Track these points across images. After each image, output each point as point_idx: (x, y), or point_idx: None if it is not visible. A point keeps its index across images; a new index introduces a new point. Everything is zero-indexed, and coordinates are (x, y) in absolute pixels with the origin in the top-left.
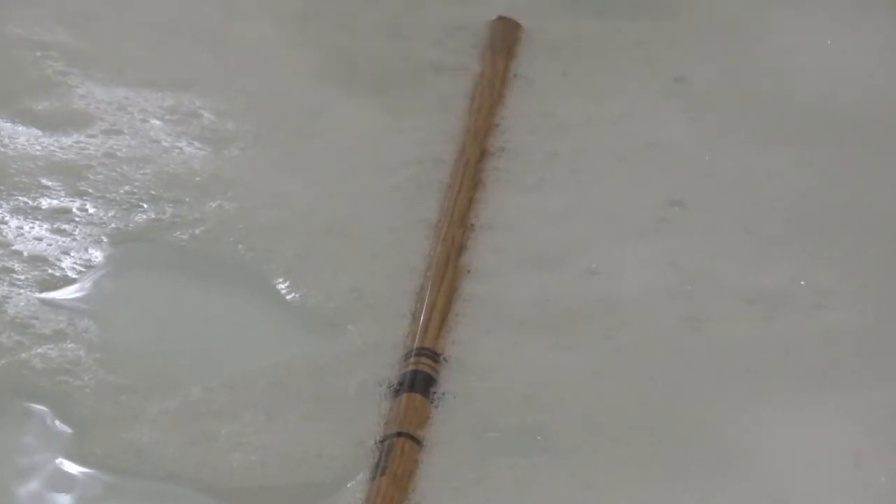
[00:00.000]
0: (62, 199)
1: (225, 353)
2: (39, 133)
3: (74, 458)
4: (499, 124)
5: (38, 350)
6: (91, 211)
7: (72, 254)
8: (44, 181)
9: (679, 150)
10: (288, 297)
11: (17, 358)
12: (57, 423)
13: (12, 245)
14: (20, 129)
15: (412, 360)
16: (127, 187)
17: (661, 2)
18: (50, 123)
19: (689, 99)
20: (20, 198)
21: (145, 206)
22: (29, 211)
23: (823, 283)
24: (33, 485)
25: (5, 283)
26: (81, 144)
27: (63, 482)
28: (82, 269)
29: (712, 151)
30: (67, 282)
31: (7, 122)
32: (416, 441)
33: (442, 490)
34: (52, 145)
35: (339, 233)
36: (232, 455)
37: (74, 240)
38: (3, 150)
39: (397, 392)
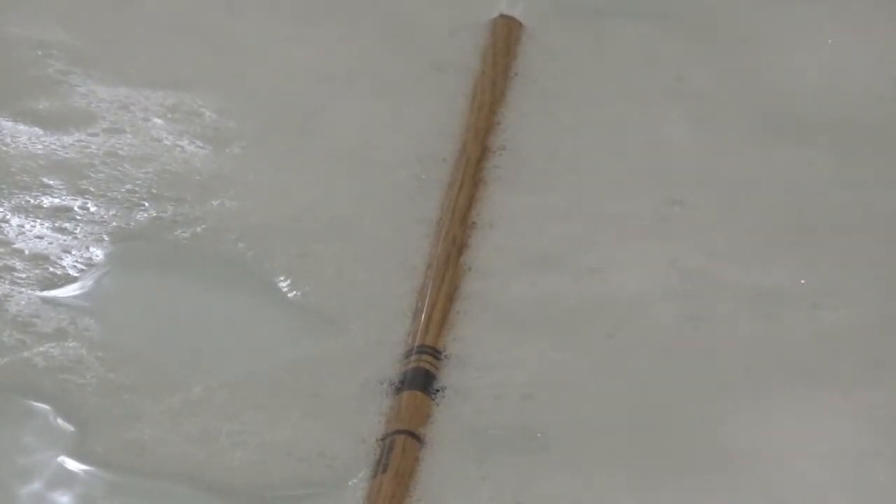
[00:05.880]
0: (63, 197)
1: (226, 351)
2: (41, 132)
3: (76, 456)
4: (500, 123)
5: (40, 349)
6: (92, 209)
7: (73, 252)
8: (45, 180)
9: (679, 150)
10: (289, 295)
11: (18, 356)
12: (58, 421)
13: (13, 243)
14: (22, 127)
15: (413, 357)
16: (128, 186)
17: (662, 1)
18: (51, 122)
19: (690, 99)
20: (22, 196)
21: (146, 204)
22: (30, 209)
23: (823, 283)
24: (35, 483)
25: (7, 282)
26: (83, 143)
27: (64, 480)
28: (83, 268)
29: (712, 151)
30: (69, 280)
31: (9, 120)
32: (417, 438)
33: (443, 487)
34: (54, 144)
35: (340, 231)
36: (233, 453)
37: (76, 238)
38: (4, 148)
39: (398, 390)
